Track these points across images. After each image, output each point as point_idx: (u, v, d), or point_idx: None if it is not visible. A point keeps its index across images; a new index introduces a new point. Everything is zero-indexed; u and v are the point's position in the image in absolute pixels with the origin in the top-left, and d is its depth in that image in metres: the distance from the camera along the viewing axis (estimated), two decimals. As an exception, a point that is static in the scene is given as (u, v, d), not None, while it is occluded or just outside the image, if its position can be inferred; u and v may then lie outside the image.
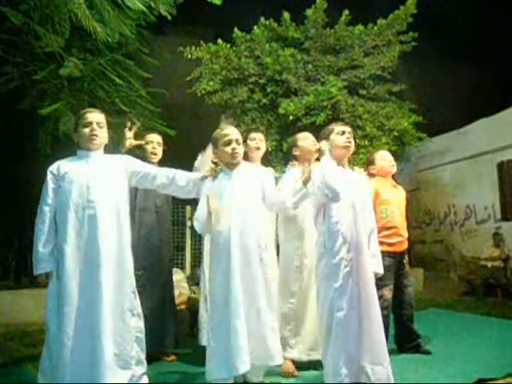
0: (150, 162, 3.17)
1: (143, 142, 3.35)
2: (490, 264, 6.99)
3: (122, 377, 2.40)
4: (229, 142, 2.69)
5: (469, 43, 9.12)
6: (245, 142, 3.08)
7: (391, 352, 3.33)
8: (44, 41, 4.48)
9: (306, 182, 2.72)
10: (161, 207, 3.38)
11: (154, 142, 3.40)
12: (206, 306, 2.91)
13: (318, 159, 2.98)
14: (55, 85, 5.14)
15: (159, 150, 3.41)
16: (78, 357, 2.32)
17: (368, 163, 3.70)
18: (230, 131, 2.75)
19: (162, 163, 2.95)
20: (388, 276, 3.29)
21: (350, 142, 2.72)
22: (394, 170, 3.65)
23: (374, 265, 2.68)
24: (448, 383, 2.70)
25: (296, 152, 3.20)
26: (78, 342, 2.33)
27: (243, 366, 2.41)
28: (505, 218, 8.04)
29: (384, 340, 2.57)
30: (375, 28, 7.54)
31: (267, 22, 7.62)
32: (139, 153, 3.20)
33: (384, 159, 3.62)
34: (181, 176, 2.77)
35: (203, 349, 2.63)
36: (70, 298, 2.36)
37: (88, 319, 2.36)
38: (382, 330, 2.57)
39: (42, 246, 2.45)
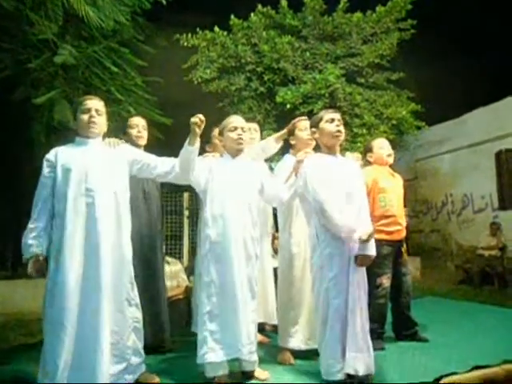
0: (136, 145, 3.09)
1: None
2: (486, 253, 7.02)
3: (118, 366, 2.39)
4: (234, 128, 2.73)
5: (468, 32, 9.05)
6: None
7: (389, 340, 3.38)
8: (37, 27, 4.42)
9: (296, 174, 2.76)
10: (150, 194, 3.32)
11: (139, 125, 3.31)
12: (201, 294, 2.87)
13: (314, 149, 2.98)
14: (49, 73, 5.08)
15: (144, 134, 3.32)
16: (76, 347, 2.30)
17: (366, 150, 3.65)
18: (236, 118, 2.80)
19: (158, 152, 2.89)
20: (386, 264, 3.29)
21: (339, 130, 2.69)
22: (391, 160, 3.59)
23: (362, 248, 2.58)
24: (445, 370, 2.71)
25: (292, 141, 3.18)
26: (75, 332, 2.30)
27: (244, 349, 2.48)
28: (502, 207, 8.06)
29: (368, 328, 2.56)
30: (374, 15, 7.47)
31: (264, 9, 7.55)
32: (124, 138, 3.12)
33: (382, 148, 3.57)
34: (179, 162, 2.74)
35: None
36: (67, 287, 2.32)
37: (87, 309, 2.34)
38: (368, 319, 2.57)
39: (30, 231, 2.41)
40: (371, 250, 2.56)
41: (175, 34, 7.16)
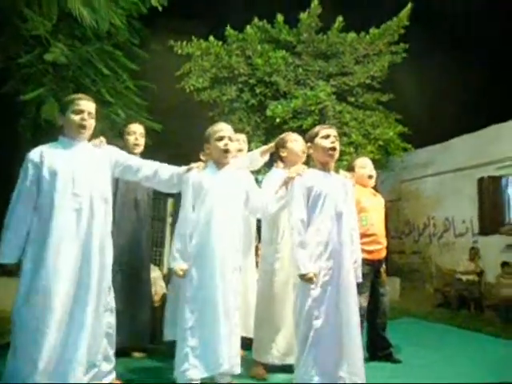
0: (132, 153, 3.08)
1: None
2: (464, 277, 7.09)
3: (89, 373, 2.33)
4: (221, 138, 2.66)
5: (459, 58, 9.25)
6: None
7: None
8: (31, 24, 4.38)
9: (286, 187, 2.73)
10: (141, 201, 3.30)
11: (137, 132, 3.30)
12: (176, 304, 2.84)
13: (305, 163, 2.97)
14: (40, 70, 5.03)
15: (142, 141, 3.32)
16: (50, 353, 2.21)
17: (348, 169, 3.63)
18: (222, 127, 2.72)
19: (147, 157, 2.88)
20: (365, 284, 3.27)
21: (334, 147, 2.67)
22: (373, 182, 3.59)
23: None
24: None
25: (283, 153, 3.12)
26: (50, 338, 2.22)
27: (225, 364, 2.43)
28: (482, 233, 8.17)
29: (361, 352, 2.55)
30: (367, 37, 7.59)
31: (260, 23, 7.62)
32: (121, 144, 3.10)
33: (364, 167, 3.56)
34: (165, 169, 2.72)
35: (169, 345, 2.60)
36: (51, 293, 2.23)
37: (72, 314, 2.28)
38: (361, 342, 2.56)
39: (12, 234, 2.33)
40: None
41: (170, 40, 7.17)
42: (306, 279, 2.44)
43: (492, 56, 9.86)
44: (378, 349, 3.49)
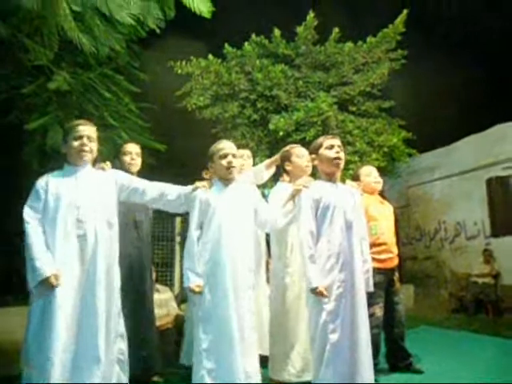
0: (129, 172, 3.07)
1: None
2: (480, 280, 6.98)
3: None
4: (225, 156, 2.65)
5: (459, 61, 9.26)
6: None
7: (382, 371, 3.30)
8: (33, 54, 4.44)
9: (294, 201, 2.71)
10: (141, 221, 3.28)
11: (133, 152, 3.30)
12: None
13: (311, 175, 2.96)
14: (43, 99, 5.09)
15: (138, 161, 3.31)
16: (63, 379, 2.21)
17: (353, 179, 3.62)
18: (225, 145, 2.71)
19: (152, 177, 2.88)
20: (378, 293, 3.24)
21: (339, 157, 2.66)
22: (380, 187, 3.58)
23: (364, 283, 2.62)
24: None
25: (288, 167, 3.12)
26: (57, 369, 2.19)
27: None
28: (494, 235, 8.06)
29: (372, 362, 2.50)
30: (365, 46, 7.63)
31: (258, 39, 7.69)
32: (118, 164, 3.10)
33: (369, 175, 3.55)
34: (171, 190, 2.72)
35: (187, 367, 2.55)
36: (59, 321, 2.22)
37: (84, 343, 2.26)
38: (371, 353, 2.51)
39: (39, 252, 2.29)
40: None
41: (170, 61, 7.26)
42: (317, 293, 2.40)
43: (492, 55, 9.85)
44: (398, 359, 3.42)
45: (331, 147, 2.67)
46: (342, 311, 2.43)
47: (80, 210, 2.40)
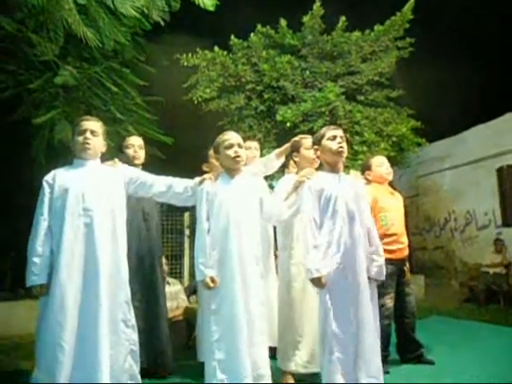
0: (132, 165, 3.07)
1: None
2: (491, 270, 6.92)
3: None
4: (230, 146, 2.63)
5: (467, 49, 9.12)
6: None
7: (393, 362, 3.29)
8: (39, 49, 4.45)
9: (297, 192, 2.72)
10: (149, 214, 3.28)
11: (135, 145, 3.30)
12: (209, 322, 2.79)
13: (318, 168, 2.94)
14: (50, 93, 5.10)
15: (141, 153, 3.31)
16: (74, 371, 2.24)
17: (364, 168, 3.60)
18: (231, 135, 2.70)
19: (159, 170, 2.88)
20: (389, 284, 3.22)
21: (342, 147, 2.63)
22: (391, 177, 3.56)
23: (375, 271, 2.59)
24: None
25: (296, 158, 3.13)
26: (73, 355, 2.26)
27: (248, 377, 2.37)
28: (505, 224, 7.98)
29: (379, 351, 2.49)
30: (372, 34, 7.53)
31: (264, 29, 7.62)
32: (121, 157, 3.10)
33: (381, 165, 3.51)
34: (178, 183, 2.73)
35: (200, 362, 2.55)
36: (64, 309, 2.28)
37: (85, 331, 2.29)
38: (378, 341, 2.50)
39: (36, 258, 2.37)
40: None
41: (175, 53, 7.22)
42: (315, 283, 2.41)
43: (504, 41, 9.68)
44: (408, 350, 3.41)
45: (333, 138, 2.65)
46: (346, 300, 2.43)
47: (85, 199, 2.44)
